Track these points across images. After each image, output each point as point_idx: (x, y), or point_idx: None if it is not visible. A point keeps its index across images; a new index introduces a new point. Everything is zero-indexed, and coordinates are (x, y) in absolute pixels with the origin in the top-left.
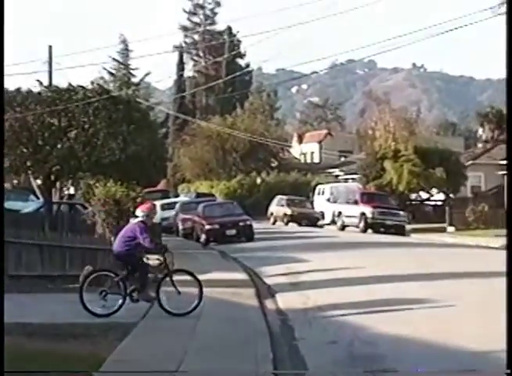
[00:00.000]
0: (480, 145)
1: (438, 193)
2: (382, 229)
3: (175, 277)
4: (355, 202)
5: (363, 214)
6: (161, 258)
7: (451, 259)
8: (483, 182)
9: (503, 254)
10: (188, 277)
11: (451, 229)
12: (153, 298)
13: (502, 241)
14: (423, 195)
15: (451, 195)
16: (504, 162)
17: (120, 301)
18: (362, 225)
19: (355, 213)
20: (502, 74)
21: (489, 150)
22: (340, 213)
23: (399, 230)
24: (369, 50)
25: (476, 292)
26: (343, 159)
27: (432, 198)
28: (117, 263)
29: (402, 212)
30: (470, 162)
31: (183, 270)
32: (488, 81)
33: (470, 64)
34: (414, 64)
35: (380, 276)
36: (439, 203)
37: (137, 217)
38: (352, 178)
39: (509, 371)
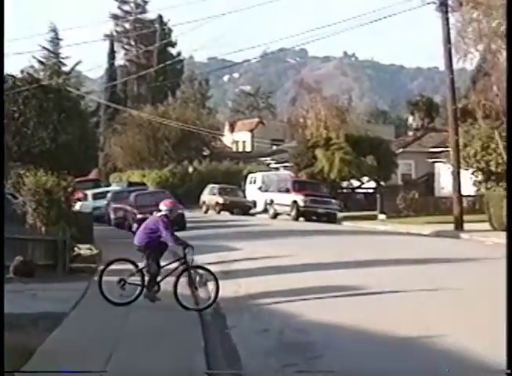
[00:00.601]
0: (410, 133)
1: (369, 180)
2: (314, 217)
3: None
4: (287, 190)
5: (295, 202)
6: (93, 249)
7: (382, 246)
8: (413, 169)
9: (433, 241)
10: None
11: (382, 216)
12: (155, 299)
13: (432, 228)
14: (355, 183)
15: (382, 183)
16: (434, 150)
17: (138, 291)
18: (294, 213)
19: (286, 201)
20: (431, 62)
21: (419, 138)
22: (272, 201)
23: (331, 218)
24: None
25: (406, 279)
26: (274, 147)
27: (363, 186)
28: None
29: (333, 200)
30: (401, 150)
31: (201, 267)
32: (419, 69)
33: (401, 53)
34: (345, 53)
35: (312, 264)
36: (370, 191)
37: (160, 211)
38: (284, 167)
39: (509, 371)
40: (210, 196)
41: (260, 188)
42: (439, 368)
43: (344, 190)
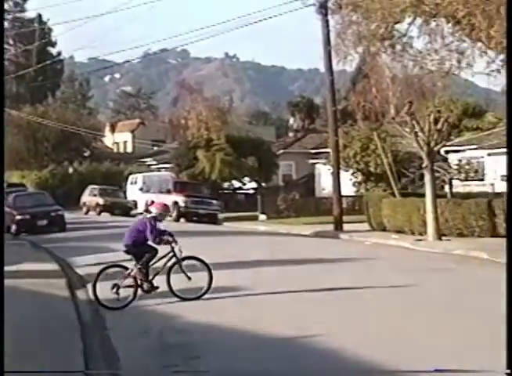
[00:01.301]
0: (291, 134)
1: (251, 181)
2: (195, 218)
3: None
4: (168, 191)
5: (176, 203)
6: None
7: (263, 247)
8: (294, 170)
9: (313, 241)
10: None
11: (263, 217)
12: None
13: (312, 229)
14: (236, 184)
15: (263, 184)
16: (315, 151)
17: (133, 294)
18: (174, 214)
19: (167, 202)
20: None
21: (300, 139)
22: (152, 202)
23: (212, 219)
24: (182, 39)
25: (288, 278)
26: (156, 148)
27: (244, 187)
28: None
29: (214, 201)
30: (282, 151)
31: (193, 257)
32: (300, 71)
33: (282, 54)
34: (227, 54)
35: None
36: (251, 191)
37: (150, 213)
38: (165, 168)
39: (509, 371)
40: (90, 197)
41: (141, 189)
42: (316, 368)
43: (225, 191)
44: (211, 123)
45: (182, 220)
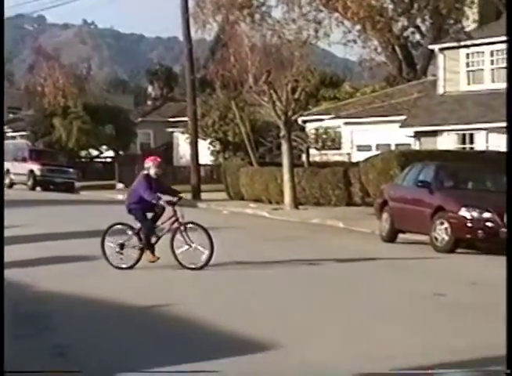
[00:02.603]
0: (149, 102)
1: (108, 150)
2: (51, 187)
3: None
4: (24, 159)
5: (32, 171)
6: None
7: (118, 215)
8: (152, 139)
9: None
10: None
11: (120, 185)
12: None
13: (169, 197)
14: (93, 152)
15: (120, 152)
16: (173, 119)
17: (138, 254)
18: (30, 182)
19: (23, 170)
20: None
21: (158, 108)
22: (8, 170)
23: (69, 188)
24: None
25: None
26: (11, 116)
27: (102, 155)
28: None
29: (71, 169)
30: (140, 119)
31: (194, 223)
32: (159, 39)
33: (141, 22)
34: (85, 21)
35: (48, 234)
36: (109, 160)
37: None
38: (21, 136)
39: (509, 371)
40: None
41: None
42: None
43: (83, 160)
44: (68, 90)
45: (38, 189)
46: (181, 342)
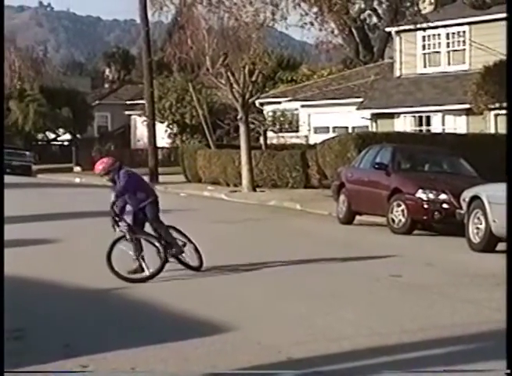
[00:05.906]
0: (107, 85)
1: (65, 133)
2: (8, 170)
3: None
4: None
5: None
6: None
7: (72, 199)
8: (110, 122)
9: None
10: None
11: (78, 168)
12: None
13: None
14: (50, 135)
15: (78, 135)
16: (130, 102)
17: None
18: None
19: None
20: (128, 14)
21: (116, 90)
22: None
23: (26, 171)
24: None
25: (101, 231)
26: None
27: (59, 138)
28: None
29: (28, 153)
30: (97, 102)
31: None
32: (116, 21)
33: (98, 4)
34: (41, 3)
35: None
36: (66, 143)
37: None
38: None
39: (509, 371)
40: None
41: None
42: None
43: (39, 143)
44: (25, 73)
45: None
46: (138, 325)
